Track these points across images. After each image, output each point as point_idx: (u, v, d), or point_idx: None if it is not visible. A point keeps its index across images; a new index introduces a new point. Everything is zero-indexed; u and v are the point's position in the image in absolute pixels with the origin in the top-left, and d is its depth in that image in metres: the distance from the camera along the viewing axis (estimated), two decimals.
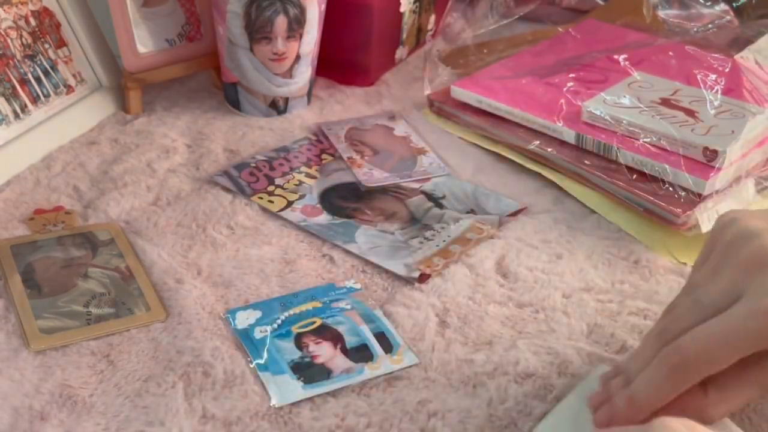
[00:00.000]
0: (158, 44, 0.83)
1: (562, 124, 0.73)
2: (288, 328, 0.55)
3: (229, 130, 0.81)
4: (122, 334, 0.55)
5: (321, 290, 0.59)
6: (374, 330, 0.55)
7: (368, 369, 0.52)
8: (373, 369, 0.52)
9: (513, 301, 0.59)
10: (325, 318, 0.56)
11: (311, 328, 0.55)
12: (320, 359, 0.53)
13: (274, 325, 0.55)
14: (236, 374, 0.52)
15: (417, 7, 0.94)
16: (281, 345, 0.54)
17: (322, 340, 0.54)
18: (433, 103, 0.84)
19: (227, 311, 0.57)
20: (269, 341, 0.54)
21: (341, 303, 0.58)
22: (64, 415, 0.48)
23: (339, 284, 0.60)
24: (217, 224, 0.66)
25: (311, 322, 0.56)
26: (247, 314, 0.56)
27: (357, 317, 0.56)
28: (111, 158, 0.75)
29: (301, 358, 0.53)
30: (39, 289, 0.58)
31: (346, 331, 0.55)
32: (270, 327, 0.55)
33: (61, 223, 0.66)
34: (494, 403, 0.50)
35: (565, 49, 0.88)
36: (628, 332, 0.56)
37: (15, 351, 0.53)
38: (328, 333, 0.55)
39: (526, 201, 0.70)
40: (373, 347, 0.54)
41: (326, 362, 0.53)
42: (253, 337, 0.54)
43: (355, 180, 0.73)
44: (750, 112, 0.69)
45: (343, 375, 0.52)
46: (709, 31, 0.84)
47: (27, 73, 0.76)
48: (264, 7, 0.76)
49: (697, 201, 0.64)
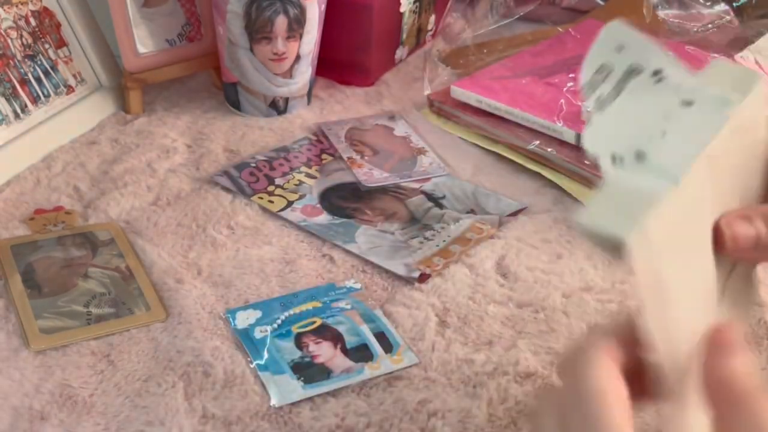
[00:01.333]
0: (158, 44, 0.83)
1: (562, 124, 0.73)
2: (288, 327, 0.55)
3: (229, 130, 0.81)
4: (122, 334, 0.55)
5: (321, 290, 0.59)
6: (374, 330, 0.55)
7: (368, 369, 0.52)
8: (373, 369, 0.52)
9: (513, 301, 0.59)
10: (325, 318, 0.56)
11: (311, 327, 0.55)
12: (320, 359, 0.53)
13: (274, 325, 0.55)
14: (236, 374, 0.52)
15: (417, 7, 0.94)
16: (281, 345, 0.54)
17: (322, 340, 0.54)
18: (433, 103, 0.84)
19: (227, 311, 0.57)
20: (269, 341, 0.54)
21: (341, 303, 0.58)
22: (64, 415, 0.48)
23: (339, 284, 0.60)
24: (217, 224, 0.66)
25: (311, 322, 0.56)
26: (247, 314, 0.56)
27: (357, 317, 0.56)
28: (111, 158, 0.75)
29: (301, 358, 0.53)
30: (39, 289, 0.58)
31: (346, 330, 0.55)
32: (270, 327, 0.55)
33: (62, 223, 0.66)
34: (494, 403, 0.50)
35: (565, 49, 0.88)
36: None
37: (15, 351, 0.53)
38: (328, 333, 0.55)
39: (526, 201, 0.70)
40: (373, 347, 0.54)
41: (326, 362, 0.53)
42: (254, 336, 0.54)
43: (355, 180, 0.73)
44: None
45: (343, 375, 0.52)
46: (709, 31, 0.84)
47: (27, 73, 0.76)
48: (264, 7, 0.76)
49: None
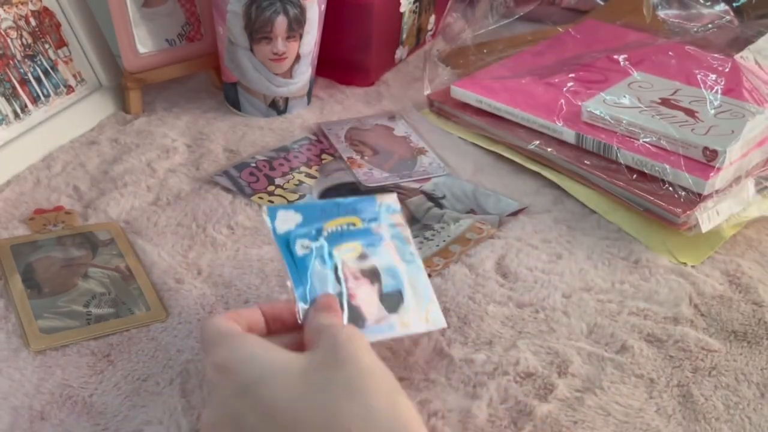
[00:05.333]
0: (158, 44, 0.83)
1: (562, 124, 0.73)
2: (330, 249, 0.51)
3: (229, 130, 0.81)
4: (122, 334, 0.55)
5: (364, 203, 0.54)
6: (409, 276, 0.52)
7: (399, 325, 0.50)
8: (404, 326, 0.50)
9: (513, 301, 0.59)
10: (366, 246, 0.52)
11: (353, 255, 0.51)
12: (357, 300, 0.49)
13: (317, 242, 0.51)
14: None
15: (417, 7, 0.94)
16: (323, 272, 0.50)
17: (361, 276, 0.51)
18: (433, 103, 0.84)
19: (268, 209, 0.51)
20: (312, 264, 0.49)
21: (381, 228, 0.53)
22: (63, 415, 0.48)
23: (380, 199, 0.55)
24: (217, 224, 0.66)
25: (353, 248, 0.51)
26: (288, 215, 0.50)
27: (395, 254, 0.52)
28: (111, 158, 0.75)
29: (340, 294, 0.49)
30: (39, 289, 0.58)
31: (385, 269, 0.52)
32: (312, 243, 0.50)
33: (61, 223, 0.66)
34: (494, 403, 0.50)
35: (565, 49, 0.88)
36: (628, 332, 0.56)
37: (15, 351, 0.53)
38: (368, 267, 0.51)
39: (526, 201, 0.70)
40: (406, 297, 0.51)
41: (362, 306, 0.49)
42: (295, 252, 0.50)
43: (355, 180, 0.73)
44: (750, 112, 0.69)
45: (376, 327, 0.49)
46: (709, 31, 0.84)
47: (27, 73, 0.76)
48: (264, 7, 0.76)
49: (697, 201, 0.64)
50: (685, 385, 0.52)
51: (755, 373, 0.53)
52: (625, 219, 0.67)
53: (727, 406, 0.50)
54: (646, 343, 0.55)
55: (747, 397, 0.51)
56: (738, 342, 0.55)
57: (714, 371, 0.53)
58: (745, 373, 0.53)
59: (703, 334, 0.56)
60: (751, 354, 0.54)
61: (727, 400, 0.51)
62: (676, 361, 0.54)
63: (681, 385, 0.52)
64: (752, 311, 0.58)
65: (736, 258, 0.64)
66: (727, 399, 0.51)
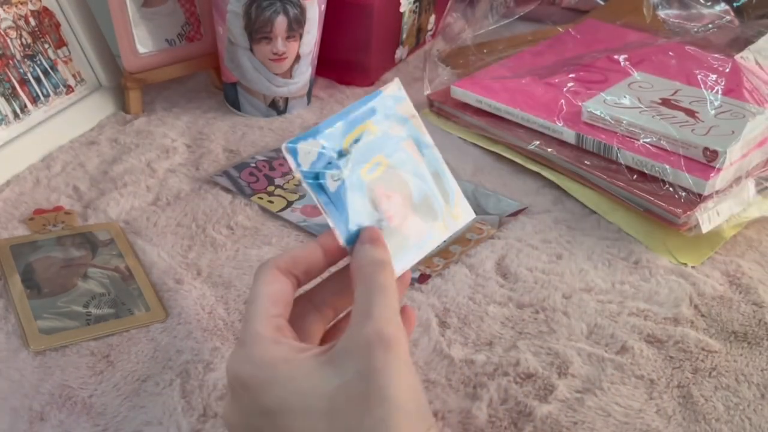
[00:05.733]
0: (158, 44, 0.83)
1: (562, 124, 0.73)
2: (357, 173, 0.46)
3: (229, 130, 0.81)
4: (122, 334, 0.55)
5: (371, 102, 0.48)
6: (430, 169, 0.48)
7: (437, 231, 0.47)
8: (441, 231, 0.47)
9: (513, 302, 0.59)
10: (388, 156, 0.47)
11: (379, 171, 0.47)
12: (395, 220, 0.46)
13: (345, 169, 0.46)
14: None
15: (417, 7, 0.94)
16: (359, 204, 0.45)
17: (392, 193, 0.47)
18: (433, 103, 0.84)
19: (288, 144, 0.44)
20: (347, 198, 0.45)
21: (397, 129, 0.48)
22: (63, 416, 0.48)
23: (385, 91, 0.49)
24: (216, 224, 0.66)
25: (378, 163, 0.47)
26: (308, 146, 0.45)
27: (415, 151, 0.48)
28: (111, 158, 0.75)
29: (379, 222, 0.45)
30: (39, 290, 0.58)
31: (412, 174, 0.47)
32: (341, 172, 0.45)
33: (61, 223, 0.65)
34: (494, 404, 0.50)
35: (565, 49, 0.88)
36: (628, 332, 0.56)
37: (15, 351, 0.53)
38: (396, 180, 0.47)
39: (526, 201, 0.70)
40: (436, 198, 0.48)
41: (400, 225, 0.46)
42: (328, 188, 0.45)
43: None
44: (750, 112, 0.69)
45: (419, 243, 0.46)
46: (709, 31, 0.84)
47: (27, 73, 0.76)
48: (264, 7, 0.76)
49: (698, 201, 0.64)
50: (685, 385, 0.52)
51: (755, 374, 0.53)
52: (625, 219, 0.67)
53: (727, 406, 0.50)
54: (647, 344, 0.55)
55: (747, 398, 0.51)
56: (738, 343, 0.55)
57: (714, 372, 0.53)
58: (746, 374, 0.53)
59: (704, 334, 0.56)
60: (752, 355, 0.54)
61: (727, 400, 0.51)
62: (676, 361, 0.54)
63: (681, 385, 0.52)
64: (752, 312, 0.58)
65: (737, 258, 0.64)
66: (727, 400, 0.51)
